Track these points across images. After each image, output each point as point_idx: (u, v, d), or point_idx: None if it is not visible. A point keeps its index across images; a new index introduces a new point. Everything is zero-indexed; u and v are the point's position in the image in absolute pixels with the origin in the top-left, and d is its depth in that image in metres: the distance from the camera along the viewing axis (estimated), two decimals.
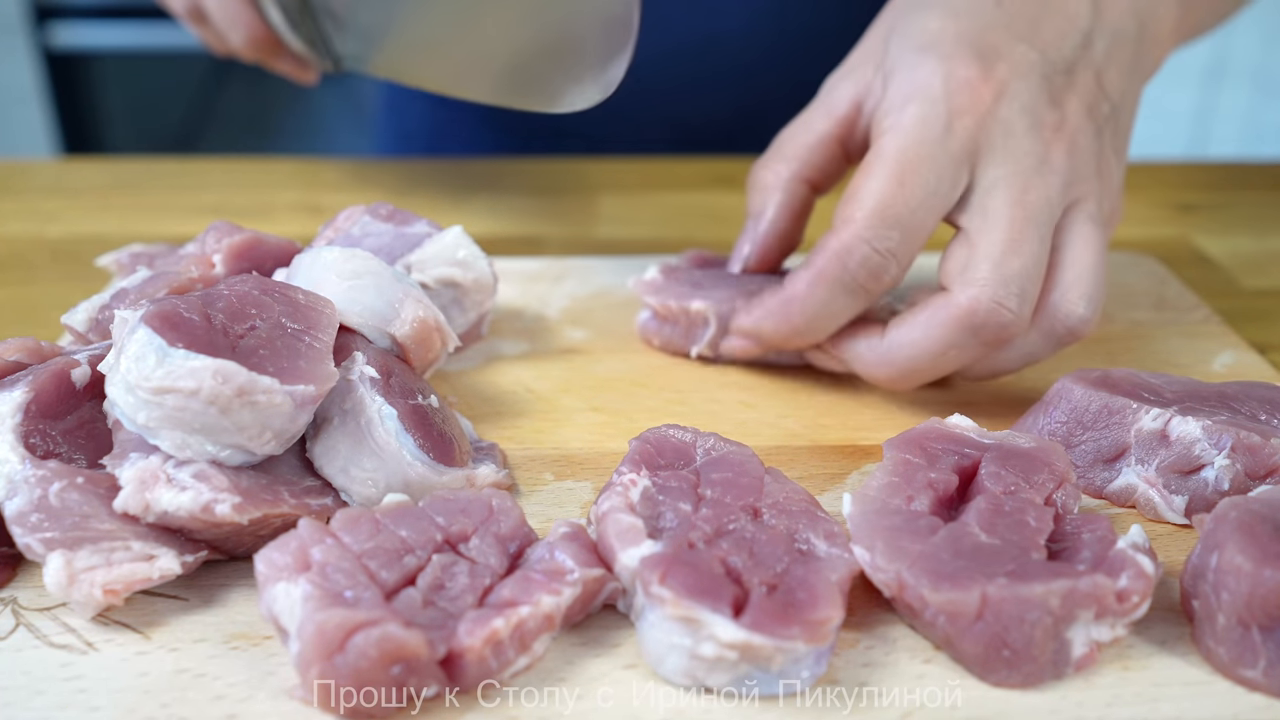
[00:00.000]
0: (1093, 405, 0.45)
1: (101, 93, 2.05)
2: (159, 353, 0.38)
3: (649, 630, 0.36)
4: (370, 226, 0.54)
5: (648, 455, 0.42)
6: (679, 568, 0.35)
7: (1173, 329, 0.60)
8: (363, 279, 0.46)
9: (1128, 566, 0.36)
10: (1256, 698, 0.35)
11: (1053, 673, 0.36)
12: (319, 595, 0.34)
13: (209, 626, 0.38)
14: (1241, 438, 0.42)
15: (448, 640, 0.34)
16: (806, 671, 0.35)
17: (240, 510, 0.38)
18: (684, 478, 0.41)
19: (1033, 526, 0.38)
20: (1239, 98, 1.98)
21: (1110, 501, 0.45)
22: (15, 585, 0.39)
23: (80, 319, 0.47)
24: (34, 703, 0.34)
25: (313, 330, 0.42)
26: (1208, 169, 0.89)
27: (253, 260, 0.51)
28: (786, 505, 0.40)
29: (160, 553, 0.38)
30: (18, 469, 0.38)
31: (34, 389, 0.40)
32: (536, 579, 0.36)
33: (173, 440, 0.38)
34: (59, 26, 1.94)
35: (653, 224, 0.76)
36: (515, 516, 0.39)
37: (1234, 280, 0.68)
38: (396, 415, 0.42)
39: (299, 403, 0.39)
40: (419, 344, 0.47)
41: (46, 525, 0.37)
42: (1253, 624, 0.35)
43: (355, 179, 0.83)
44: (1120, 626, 0.36)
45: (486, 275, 0.53)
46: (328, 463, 0.42)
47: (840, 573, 0.37)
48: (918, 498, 0.40)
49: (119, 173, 0.85)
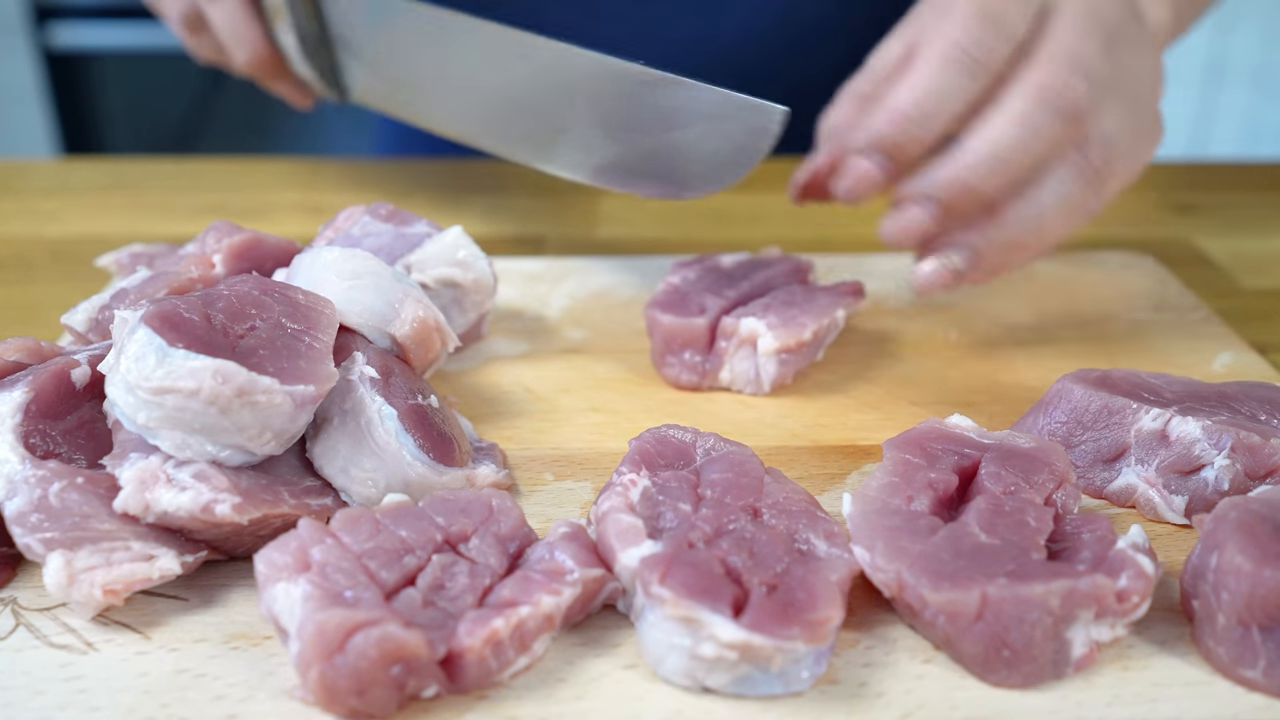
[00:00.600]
0: (1093, 405, 0.45)
1: (101, 93, 2.05)
2: (159, 353, 0.38)
3: (649, 630, 0.36)
4: (370, 227, 0.54)
5: (648, 455, 0.42)
6: (679, 568, 0.35)
7: (1173, 329, 0.60)
8: (363, 279, 0.46)
9: (1128, 566, 0.36)
10: (1256, 698, 0.35)
11: (1053, 673, 0.36)
12: (319, 595, 0.34)
13: (209, 626, 0.38)
14: (1241, 438, 0.42)
15: (448, 640, 0.34)
16: (806, 671, 0.35)
17: (240, 510, 0.38)
18: (684, 478, 0.41)
19: (1033, 526, 0.38)
20: (1239, 98, 1.98)
21: (1110, 501, 0.45)
22: (15, 585, 0.39)
23: (80, 319, 0.47)
24: (34, 703, 0.34)
25: (313, 330, 0.42)
26: (1208, 169, 0.89)
27: (253, 260, 0.51)
28: (786, 505, 0.40)
29: (160, 553, 0.38)
30: (18, 469, 0.38)
31: (34, 389, 0.40)
32: (536, 579, 0.36)
33: (173, 440, 0.38)
34: (59, 26, 1.94)
35: (653, 224, 0.76)
36: (515, 516, 0.39)
37: (1234, 280, 0.68)
38: (396, 415, 0.42)
39: (299, 403, 0.39)
40: (419, 344, 0.47)
41: (46, 525, 0.37)
42: (1253, 624, 0.35)
43: (355, 179, 0.83)
44: (1120, 626, 0.36)
45: (486, 275, 0.53)
46: (328, 463, 0.42)
47: (840, 573, 0.37)
48: (918, 498, 0.40)
49: (119, 173, 0.85)
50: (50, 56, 1.96)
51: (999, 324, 0.60)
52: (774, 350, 0.51)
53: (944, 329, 0.60)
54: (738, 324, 0.52)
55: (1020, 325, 0.60)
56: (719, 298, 0.54)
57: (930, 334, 0.59)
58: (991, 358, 0.57)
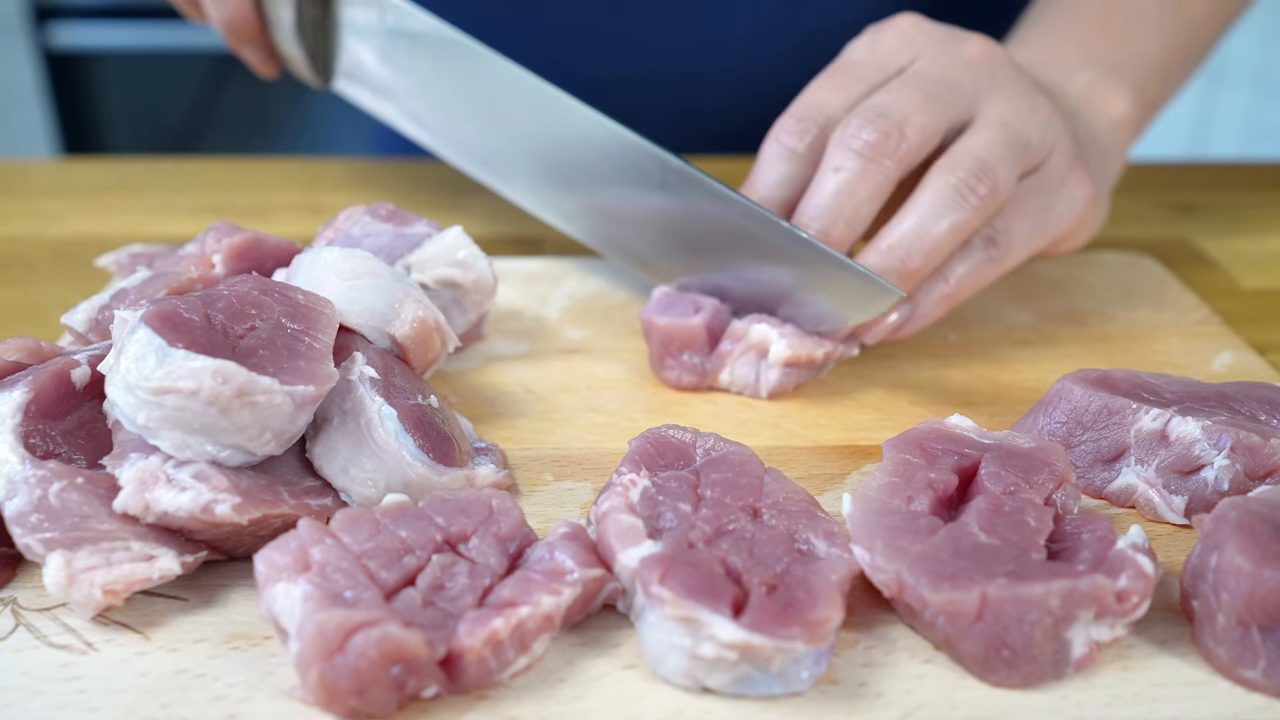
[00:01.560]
0: (1093, 405, 0.45)
1: (101, 93, 2.05)
2: (159, 353, 0.38)
3: (649, 630, 0.36)
4: (370, 227, 0.54)
5: (648, 455, 0.42)
6: (679, 568, 0.35)
7: (1173, 329, 0.60)
8: (362, 279, 0.46)
9: (1127, 566, 0.36)
10: (1256, 698, 0.35)
11: (1053, 673, 0.36)
12: (319, 595, 0.34)
13: (209, 627, 0.38)
14: (1241, 438, 0.42)
15: (447, 640, 0.34)
16: (806, 672, 0.35)
17: (240, 510, 0.38)
18: (684, 478, 0.41)
19: (1032, 527, 0.38)
20: (1239, 98, 1.98)
21: (1110, 502, 0.45)
22: (15, 585, 0.39)
23: (80, 319, 0.47)
24: (34, 703, 0.34)
25: (313, 330, 0.42)
26: (1208, 169, 0.89)
27: (253, 260, 0.51)
28: (786, 505, 0.40)
29: (160, 553, 0.38)
30: (18, 469, 0.38)
31: (34, 389, 0.40)
32: (536, 579, 0.36)
33: (172, 440, 0.38)
34: (59, 26, 1.94)
35: None
36: (515, 517, 0.39)
37: (1234, 280, 0.68)
38: (396, 415, 0.42)
39: (299, 403, 0.39)
40: (419, 344, 0.47)
41: (46, 525, 0.37)
42: (1252, 624, 0.35)
43: (355, 179, 0.83)
44: (1120, 626, 0.36)
45: (486, 276, 0.53)
46: (327, 463, 0.42)
47: (840, 573, 0.37)
48: (917, 498, 0.40)
49: (119, 173, 0.85)
50: (50, 56, 1.96)
51: (998, 324, 0.60)
52: (784, 360, 0.51)
53: (943, 329, 0.60)
54: (749, 328, 0.52)
55: (1020, 325, 0.60)
56: (715, 298, 0.54)
57: (929, 334, 0.59)
58: (991, 358, 0.57)
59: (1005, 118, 0.51)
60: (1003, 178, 0.49)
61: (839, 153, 0.50)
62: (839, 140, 0.50)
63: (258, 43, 0.69)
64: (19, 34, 1.91)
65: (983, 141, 0.50)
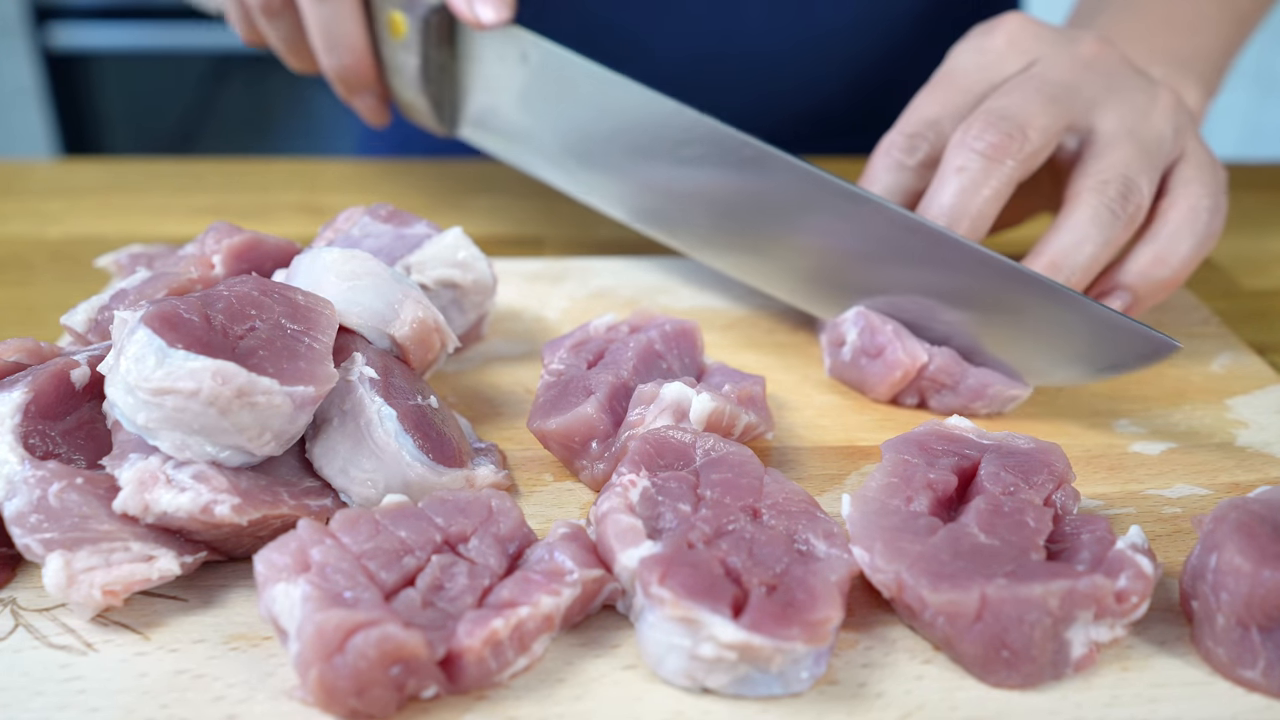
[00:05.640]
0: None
1: (101, 93, 2.05)
2: (159, 354, 0.38)
3: (649, 631, 0.36)
4: (370, 227, 0.54)
5: (647, 455, 0.42)
6: (678, 568, 0.35)
7: (1173, 329, 0.60)
8: (362, 280, 0.46)
9: (1127, 567, 0.36)
10: (1256, 698, 0.35)
11: (1052, 673, 0.36)
12: (318, 596, 0.34)
13: (208, 627, 0.38)
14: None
15: (447, 641, 0.34)
16: (806, 672, 0.35)
17: (240, 511, 0.38)
18: (683, 478, 0.41)
19: (1032, 527, 0.38)
20: (1239, 98, 1.98)
21: None
22: (15, 586, 0.39)
23: (80, 320, 0.47)
24: (33, 703, 0.34)
25: (312, 331, 0.42)
26: None
27: (252, 261, 0.51)
28: (786, 506, 0.40)
29: (159, 553, 0.38)
30: (17, 469, 0.38)
31: (33, 389, 0.40)
32: (536, 580, 0.36)
33: (172, 441, 0.38)
34: (59, 27, 1.94)
35: None
36: (514, 517, 0.39)
37: (1234, 280, 0.68)
38: (396, 416, 0.42)
39: (298, 404, 0.39)
40: (418, 345, 0.47)
41: (46, 526, 0.37)
42: (1252, 624, 0.35)
43: (355, 179, 0.83)
44: (1119, 627, 0.36)
45: (486, 276, 0.53)
46: (327, 463, 0.42)
47: (839, 573, 0.37)
48: (917, 498, 0.40)
49: (119, 173, 0.85)
50: (50, 57, 1.97)
51: None
52: (705, 418, 0.44)
53: None
54: (658, 390, 0.44)
55: None
56: (607, 372, 0.46)
57: None
58: None
59: (1130, 122, 0.51)
60: (1146, 190, 0.50)
61: (962, 153, 0.50)
62: (960, 141, 0.50)
63: (374, 91, 0.65)
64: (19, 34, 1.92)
65: (1121, 159, 0.50)
